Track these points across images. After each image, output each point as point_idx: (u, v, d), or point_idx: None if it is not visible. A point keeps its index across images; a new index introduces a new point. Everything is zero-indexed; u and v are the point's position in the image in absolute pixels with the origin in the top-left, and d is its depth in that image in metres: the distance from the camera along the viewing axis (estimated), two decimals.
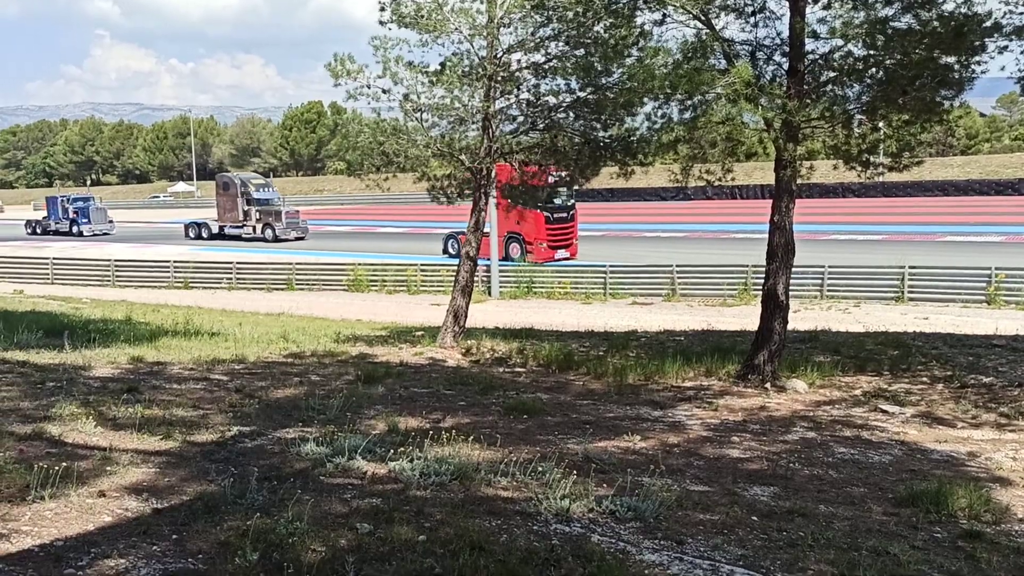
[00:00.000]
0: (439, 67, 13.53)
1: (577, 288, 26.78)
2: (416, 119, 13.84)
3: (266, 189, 48.42)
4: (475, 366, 12.49)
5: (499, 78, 13.64)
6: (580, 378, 11.26)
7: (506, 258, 31.50)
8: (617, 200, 68.69)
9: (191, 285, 31.73)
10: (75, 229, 54.70)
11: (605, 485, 6.04)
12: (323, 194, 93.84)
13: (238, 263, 32.27)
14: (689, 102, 11.18)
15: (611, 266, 27.20)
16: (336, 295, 29.16)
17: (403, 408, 8.62)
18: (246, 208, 46.81)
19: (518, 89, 13.98)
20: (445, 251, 43.24)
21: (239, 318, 20.57)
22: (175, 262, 33.12)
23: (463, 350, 13.77)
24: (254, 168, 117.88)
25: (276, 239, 45.06)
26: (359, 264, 30.48)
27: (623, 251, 35.87)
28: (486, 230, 16.90)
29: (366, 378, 10.25)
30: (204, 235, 48.42)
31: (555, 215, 33.50)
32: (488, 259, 27.08)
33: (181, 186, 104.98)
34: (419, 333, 15.88)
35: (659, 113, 12.16)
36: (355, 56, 13.55)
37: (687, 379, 10.95)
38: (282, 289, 30.49)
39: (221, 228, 47.90)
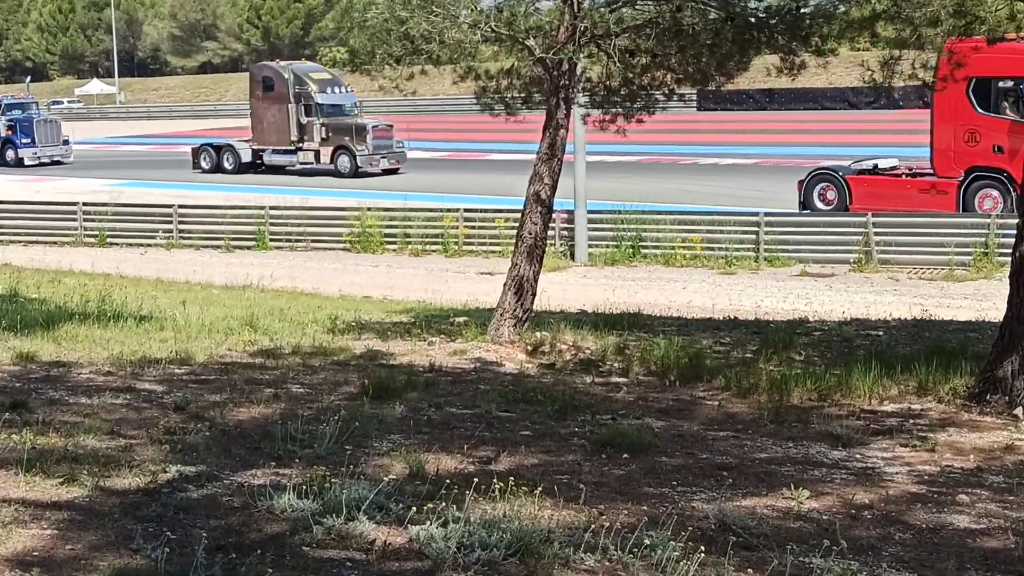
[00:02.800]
0: None
1: (713, 249, 26.58)
2: None
3: (336, 89, 47.05)
4: (547, 373, 12.45)
5: None
6: (714, 395, 11.13)
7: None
8: (777, 107, 68.15)
9: (110, 240, 32.40)
10: (9, 154, 54.92)
11: (751, 570, 5.99)
12: None
13: (181, 207, 32.80)
14: None
15: (767, 214, 26.93)
16: (333, 256, 29.46)
17: (433, 440, 8.63)
18: (304, 120, 45.52)
19: None
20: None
21: (182, 293, 20.89)
22: (85, 204, 33.77)
23: (529, 347, 13.75)
24: (207, 59, 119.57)
25: (357, 172, 44.22)
26: (368, 209, 30.70)
27: (787, 189, 35.43)
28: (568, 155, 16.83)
29: (377, 391, 10.27)
30: (229, 164, 47.56)
31: None
32: (571, 202, 27.03)
33: (96, 86, 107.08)
34: (460, 319, 15.91)
35: None
36: None
37: (887, 399, 10.76)
38: (249, 246, 30.92)
39: (258, 154, 47.00)
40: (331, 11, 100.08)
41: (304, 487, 6.81)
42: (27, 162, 53.79)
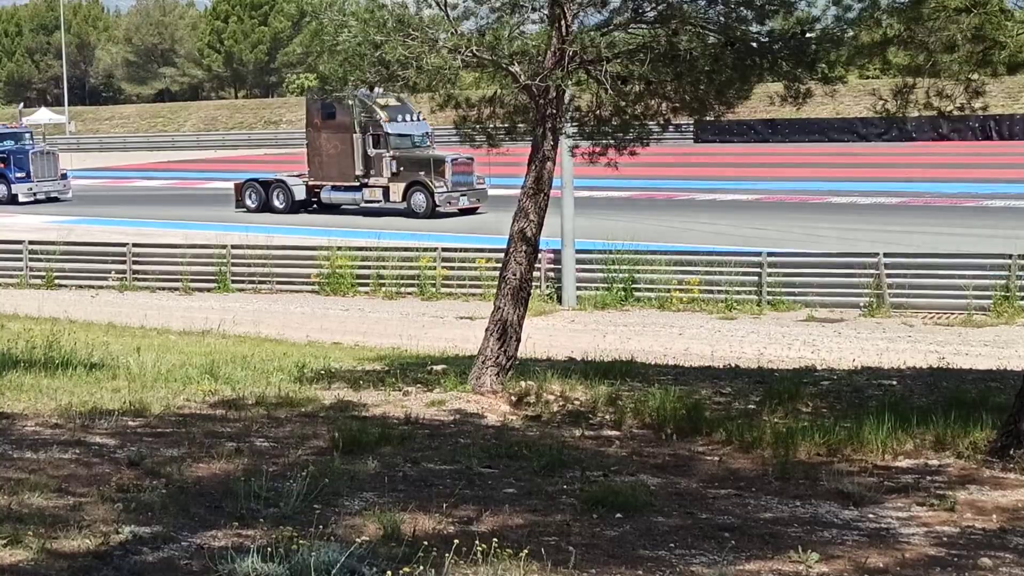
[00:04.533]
0: None
1: (712, 291, 26.64)
2: (437, 3, 13.83)
3: (406, 117, 43.88)
4: (533, 425, 12.44)
5: None
6: (714, 449, 11.14)
7: None
8: (780, 139, 68.58)
9: (58, 282, 32.33)
10: (1, 190, 53.27)
11: None
12: (279, 128, 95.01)
13: (136, 246, 32.77)
14: None
15: (770, 254, 27.02)
16: (300, 299, 29.44)
17: (410, 498, 8.61)
18: (372, 153, 43.15)
19: None
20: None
21: (137, 339, 20.81)
22: (31, 243, 33.73)
23: (513, 397, 13.75)
24: (164, 86, 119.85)
25: (434, 212, 42.28)
26: (338, 248, 30.73)
27: (790, 226, 35.65)
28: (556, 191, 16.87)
29: (348, 445, 10.27)
30: (279, 203, 45.57)
31: None
32: (558, 241, 27.08)
33: (43, 115, 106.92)
34: (438, 367, 15.92)
35: None
36: None
37: (902, 454, 10.78)
38: (210, 288, 30.88)
39: (314, 191, 45.04)
40: (299, 35, 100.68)
41: (269, 549, 6.79)
42: (21, 199, 52.24)
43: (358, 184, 43.62)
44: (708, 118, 15.78)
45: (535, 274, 18.06)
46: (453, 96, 14.53)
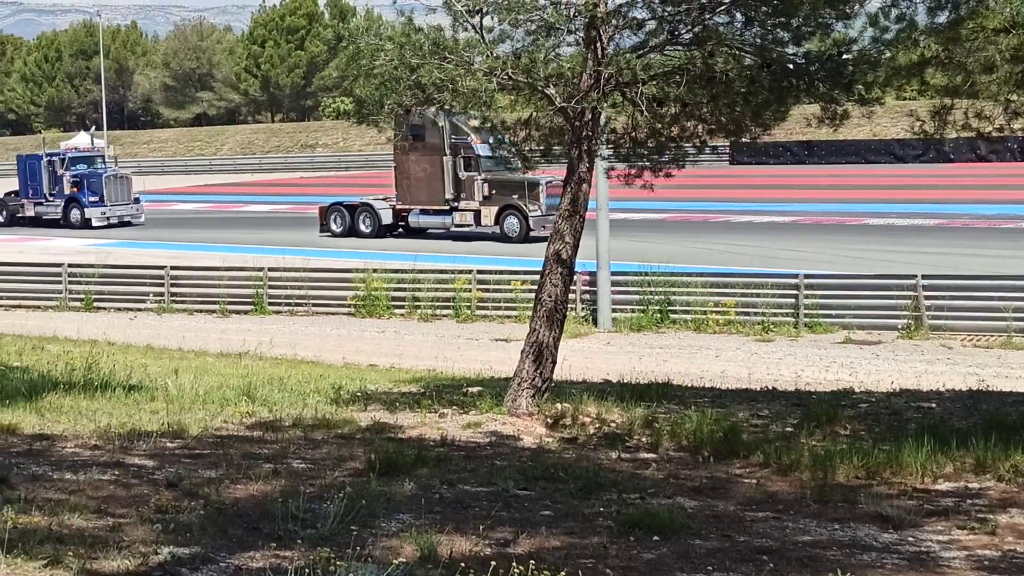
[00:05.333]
0: None
1: (748, 313, 26.55)
2: (473, 27, 13.88)
3: None
4: (569, 448, 12.43)
5: None
6: (752, 472, 11.11)
7: None
8: (817, 160, 68.28)
9: (97, 305, 32.56)
10: (75, 214, 52.60)
11: None
12: (315, 151, 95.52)
13: (173, 269, 32.97)
14: None
15: (807, 276, 26.93)
16: (336, 322, 29.51)
17: (446, 520, 8.62)
18: (463, 176, 42.21)
19: None
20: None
21: (175, 361, 20.92)
22: (70, 266, 34.01)
23: (549, 419, 13.73)
24: (201, 110, 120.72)
25: (527, 236, 40.59)
26: (374, 271, 30.82)
27: (827, 248, 35.50)
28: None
29: (384, 467, 10.30)
30: (365, 227, 44.51)
31: None
32: (593, 263, 27.07)
33: (82, 138, 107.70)
34: (474, 390, 15.92)
35: (892, 14, 11.98)
36: None
37: (941, 477, 10.71)
38: (247, 311, 31.03)
39: (401, 214, 44.11)
40: (335, 59, 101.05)
41: (307, 571, 6.81)
42: (95, 223, 51.45)
43: (448, 208, 42.64)
44: (744, 140, 15.77)
45: (571, 296, 18.04)
46: (488, 118, 14.57)
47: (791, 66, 13.79)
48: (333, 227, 45.01)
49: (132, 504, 8.67)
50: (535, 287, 15.38)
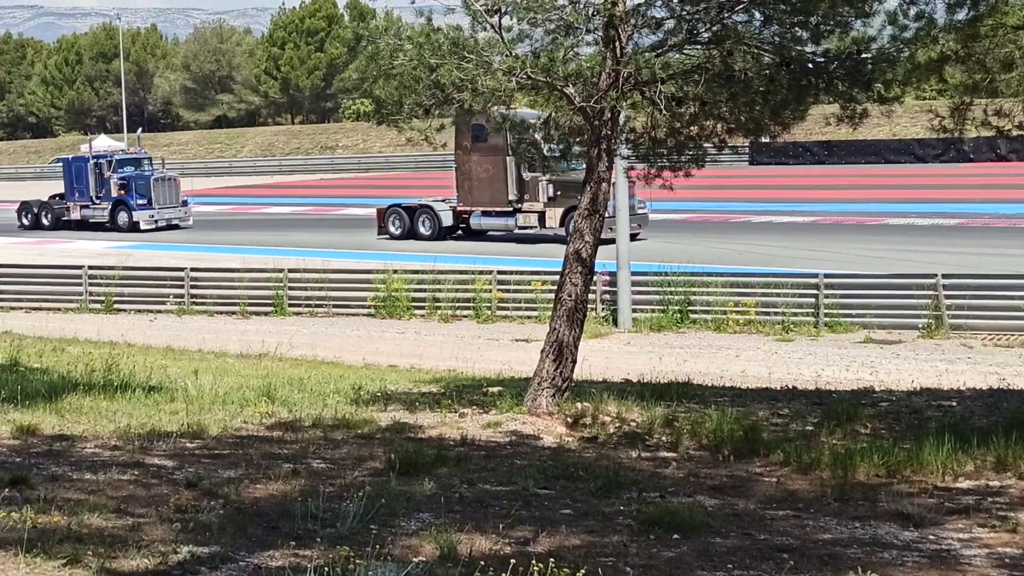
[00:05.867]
0: None
1: (768, 313, 26.51)
2: (492, 26, 13.89)
3: None
4: (589, 447, 12.42)
5: None
6: (772, 470, 11.08)
7: None
8: (836, 160, 68.11)
9: (117, 307, 32.68)
10: (122, 217, 51.83)
11: None
12: (335, 153, 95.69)
13: (193, 271, 33.07)
14: None
15: (827, 275, 26.87)
16: (356, 323, 29.56)
17: (466, 519, 8.62)
18: (527, 177, 40.49)
19: None
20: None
21: (194, 362, 20.97)
22: (91, 268, 34.13)
23: (569, 419, 13.72)
24: (221, 112, 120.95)
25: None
26: (394, 272, 30.85)
27: (847, 248, 35.39)
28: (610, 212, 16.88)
29: (404, 466, 10.29)
30: (425, 229, 43.36)
31: None
32: (613, 264, 27.05)
33: (103, 141, 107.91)
34: (494, 389, 15.91)
35: (911, 12, 11.95)
36: None
37: (962, 475, 10.67)
38: (267, 312, 31.10)
39: (462, 216, 42.81)
40: (354, 61, 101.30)
41: (326, 569, 6.82)
42: (143, 226, 50.66)
43: (511, 209, 41.50)
44: (763, 139, 15.77)
45: (591, 296, 18.04)
46: (508, 117, 14.59)
47: (810, 65, 13.80)
48: (392, 229, 44.21)
49: (152, 504, 8.69)
50: (555, 287, 15.39)
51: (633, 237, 37.71)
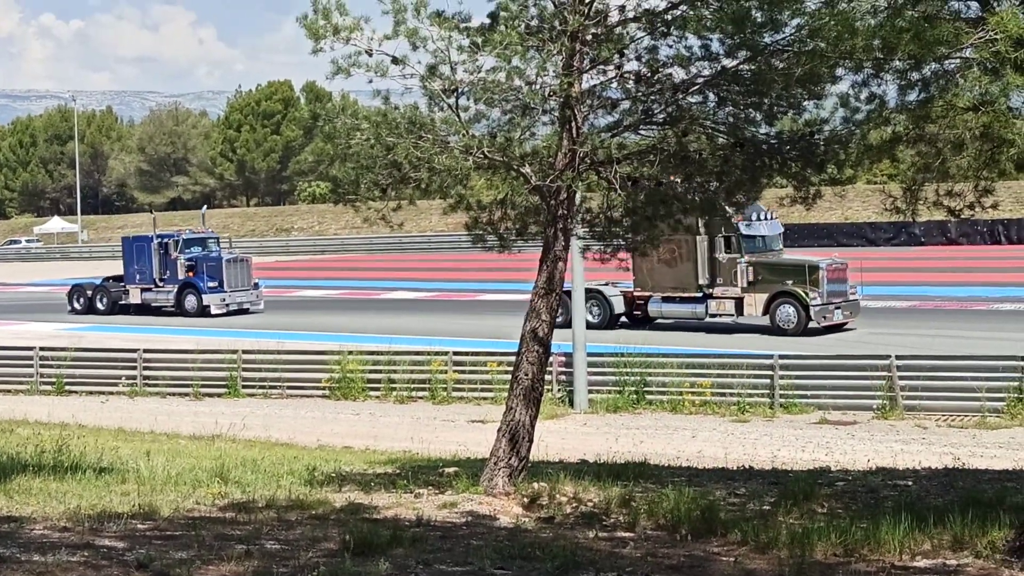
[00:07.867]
0: (488, 20, 13.70)
1: (724, 394, 26.58)
2: (449, 106, 13.97)
3: (761, 216, 37.54)
4: (546, 527, 12.35)
5: (589, 36, 13.75)
6: (730, 550, 11.03)
7: None
8: (789, 243, 67.98)
9: (68, 388, 32.43)
10: (190, 301, 48.88)
11: None
12: (291, 235, 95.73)
13: (146, 352, 32.87)
14: (916, 74, 11.13)
15: (781, 356, 27.02)
16: (311, 404, 29.41)
17: None
18: (724, 258, 37.18)
19: (621, 55, 14.04)
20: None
21: (146, 443, 20.79)
22: (42, 350, 33.86)
23: (525, 499, 13.66)
24: (176, 194, 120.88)
25: (806, 328, 35.81)
26: (349, 352, 30.77)
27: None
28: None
29: (359, 547, 10.19)
30: (594, 317, 37.50)
31: None
32: (569, 345, 27.07)
33: (56, 223, 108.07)
34: (450, 470, 15.87)
35: (863, 93, 12.10)
36: (347, 5, 13.83)
37: (919, 554, 10.67)
38: (220, 393, 30.91)
39: (637, 302, 38.87)
40: (310, 144, 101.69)
41: None
42: (214, 311, 47.83)
43: (701, 295, 37.47)
44: (718, 218, 15.89)
45: (547, 377, 18.02)
46: (464, 197, 14.62)
47: (764, 146, 13.92)
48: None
49: None
50: (511, 368, 15.36)
51: (840, 327, 36.06)
